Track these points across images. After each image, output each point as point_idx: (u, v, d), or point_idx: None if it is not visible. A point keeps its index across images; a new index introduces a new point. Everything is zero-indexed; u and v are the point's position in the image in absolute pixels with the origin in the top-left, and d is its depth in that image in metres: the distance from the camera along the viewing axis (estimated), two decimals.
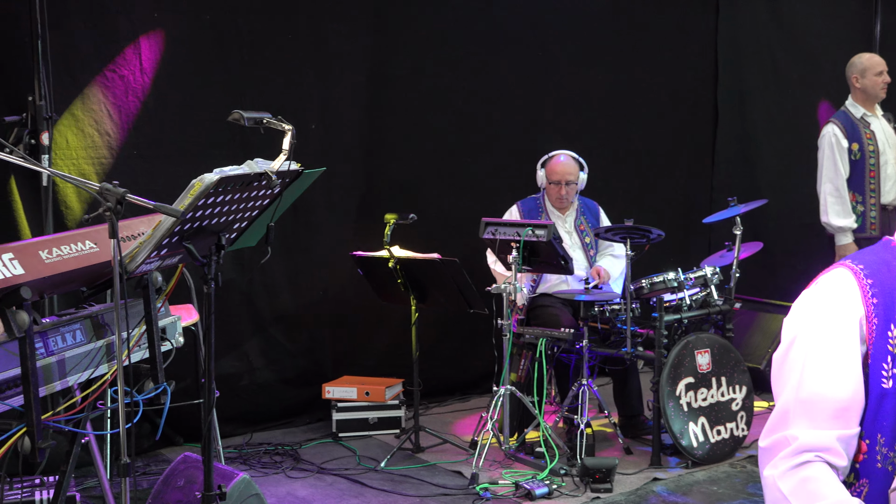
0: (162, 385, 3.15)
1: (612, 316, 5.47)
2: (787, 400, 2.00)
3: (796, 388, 1.98)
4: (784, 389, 2.01)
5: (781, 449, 1.97)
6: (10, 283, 2.54)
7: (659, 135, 7.49)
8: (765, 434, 2.03)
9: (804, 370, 1.99)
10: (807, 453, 1.94)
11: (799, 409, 1.97)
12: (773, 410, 2.04)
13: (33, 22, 4.80)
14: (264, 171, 2.92)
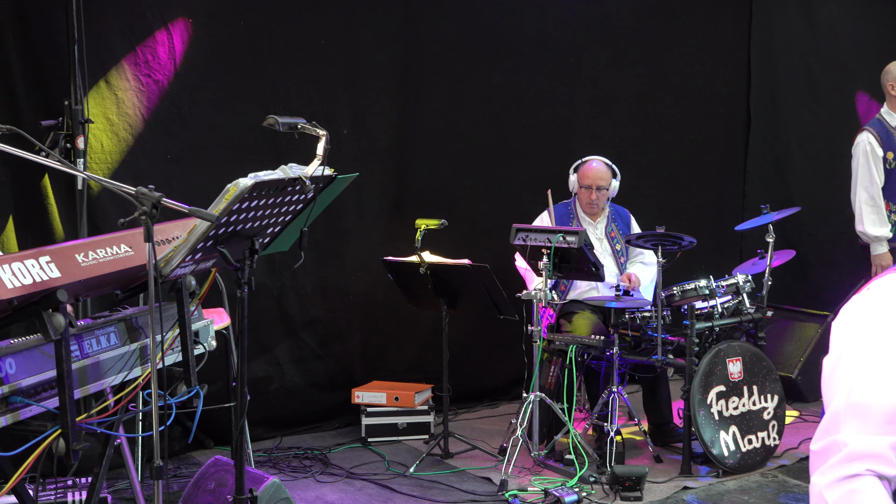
0: (194, 388, 3.17)
1: (642, 323, 5.44)
2: (838, 404, 1.96)
3: (848, 392, 1.95)
4: (836, 394, 1.98)
5: (832, 455, 1.93)
6: (46, 286, 2.56)
7: (691, 141, 7.46)
8: (816, 438, 1.99)
9: (856, 375, 1.95)
10: (857, 463, 1.90)
11: (850, 414, 1.93)
12: (825, 415, 2.00)
13: (70, 27, 4.85)
14: (298, 176, 2.93)
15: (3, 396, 2.59)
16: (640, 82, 7.19)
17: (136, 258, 2.90)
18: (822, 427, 1.99)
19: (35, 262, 2.57)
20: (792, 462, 5.40)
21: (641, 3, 7.16)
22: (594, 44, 6.98)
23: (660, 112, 7.29)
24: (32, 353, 2.74)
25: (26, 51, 5.03)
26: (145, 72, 5.39)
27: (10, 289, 2.46)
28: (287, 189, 2.97)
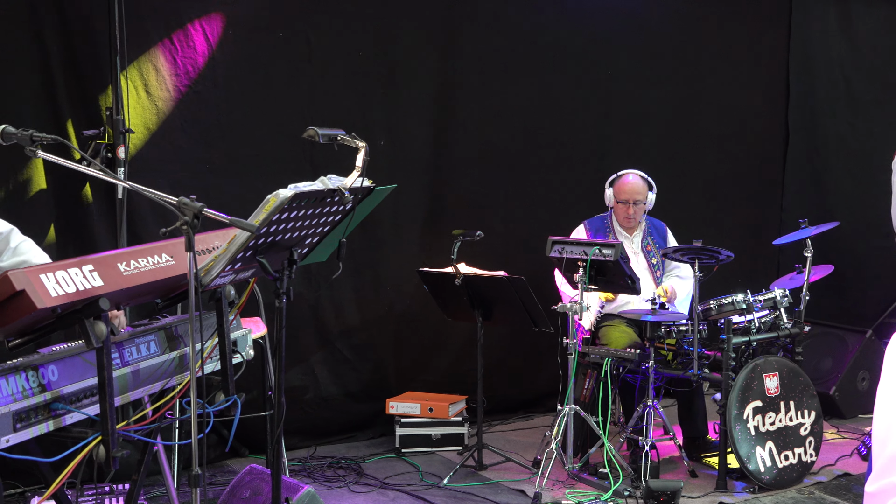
0: (232, 397, 3.19)
1: (678, 337, 5.41)
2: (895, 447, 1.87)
3: None
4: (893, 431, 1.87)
5: (888, 498, 1.85)
6: (89, 295, 2.59)
7: (728, 154, 7.42)
8: (872, 479, 1.90)
9: None
10: None
11: None
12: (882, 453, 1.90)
13: (112, 37, 4.91)
14: (337, 187, 2.95)
15: (45, 403, 2.64)
16: (678, 96, 7.16)
17: (176, 267, 2.94)
18: (879, 468, 1.90)
19: (78, 270, 2.61)
20: (829, 479, 5.35)
21: (679, 18, 7.14)
22: (631, 58, 6.97)
23: (697, 126, 7.26)
24: (74, 361, 2.79)
25: (69, 61, 5.10)
26: (185, 82, 5.45)
27: (54, 297, 2.50)
28: (326, 200, 2.99)
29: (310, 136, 3.10)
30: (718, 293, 5.52)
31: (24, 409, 2.57)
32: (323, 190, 2.93)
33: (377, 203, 3.44)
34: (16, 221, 3.47)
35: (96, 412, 2.75)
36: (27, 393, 2.59)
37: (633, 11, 6.94)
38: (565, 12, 6.70)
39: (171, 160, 5.44)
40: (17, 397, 2.56)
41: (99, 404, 2.71)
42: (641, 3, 6.98)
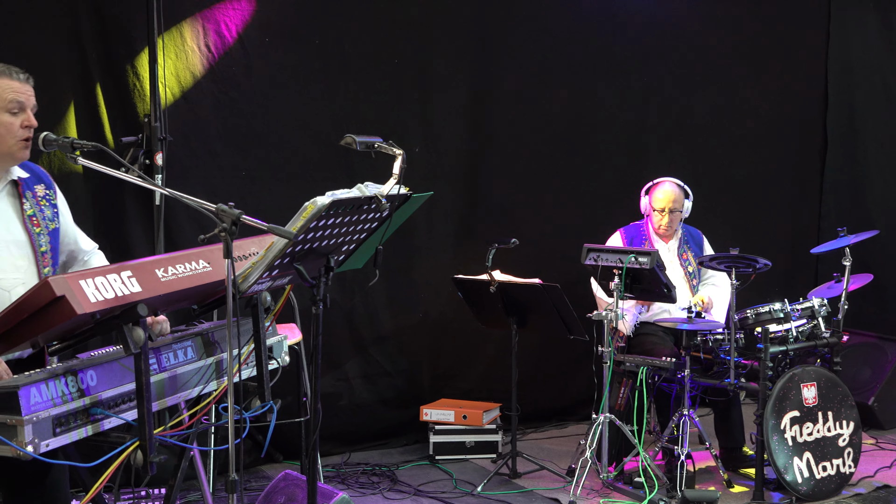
0: (268, 403, 3.20)
1: (715, 346, 5.37)
2: None
3: None
4: None
5: None
6: (128, 300, 2.61)
7: (765, 161, 7.36)
8: None
9: None
10: None
11: None
12: None
13: (151, 45, 4.95)
14: (374, 194, 2.95)
15: (84, 408, 2.65)
16: (715, 103, 7.12)
17: (213, 274, 2.95)
18: None
19: (117, 276, 2.63)
20: (868, 491, 5.28)
21: (715, 24, 7.10)
22: (667, 64, 6.94)
23: (734, 133, 7.21)
24: (112, 366, 2.80)
25: (109, 68, 5.15)
26: (222, 90, 5.48)
27: (93, 302, 2.52)
28: (363, 207, 2.99)
29: (347, 143, 3.10)
30: (755, 302, 5.47)
31: (63, 414, 2.58)
32: (360, 197, 2.94)
33: (414, 210, 3.43)
34: None
35: (134, 417, 2.77)
36: (66, 398, 2.61)
37: (670, 18, 6.91)
38: (600, 19, 6.68)
39: (208, 167, 5.47)
40: (57, 402, 2.58)
41: (137, 409, 2.72)
42: (677, 10, 6.95)
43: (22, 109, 3.10)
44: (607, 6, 6.70)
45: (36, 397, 2.52)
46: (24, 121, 3.10)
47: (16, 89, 3.09)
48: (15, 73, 3.12)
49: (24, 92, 3.12)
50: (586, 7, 6.65)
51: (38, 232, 3.22)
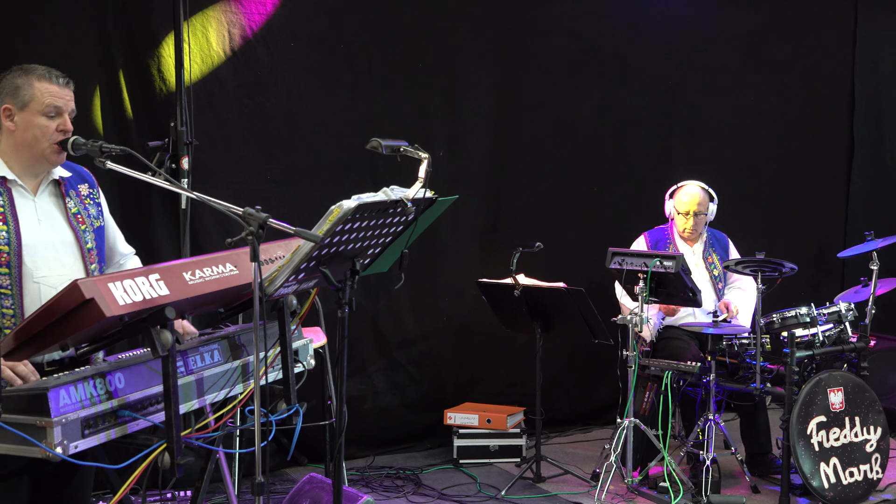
0: (294, 406, 3.20)
1: (740, 350, 5.35)
2: None
3: None
4: None
5: None
6: (156, 303, 2.62)
7: (791, 164, 7.33)
8: None
9: None
10: None
11: None
12: None
13: (178, 51, 4.98)
14: (400, 198, 2.96)
15: (112, 410, 2.67)
16: (740, 106, 7.10)
17: (240, 277, 2.96)
18: None
19: (145, 279, 2.64)
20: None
21: (741, 27, 7.08)
22: (693, 68, 6.92)
23: (760, 136, 7.18)
24: (140, 369, 2.82)
25: (136, 73, 5.19)
26: (248, 94, 5.51)
27: (122, 305, 2.53)
28: (389, 211, 2.99)
29: (373, 147, 3.11)
30: (781, 306, 5.44)
31: (91, 416, 2.60)
32: (386, 201, 2.94)
33: (439, 214, 3.44)
34: None
35: (161, 419, 2.78)
36: (95, 400, 2.62)
37: (695, 21, 6.89)
38: (626, 23, 6.68)
39: (234, 171, 5.50)
40: (86, 404, 2.59)
41: (164, 412, 2.73)
42: (703, 13, 6.93)
43: (59, 114, 3.13)
44: (632, 11, 6.70)
45: (65, 399, 2.54)
46: (59, 124, 3.13)
47: (54, 93, 3.12)
48: (55, 77, 3.15)
49: (63, 96, 3.15)
50: (611, 12, 6.64)
51: (84, 229, 3.26)
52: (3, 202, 3.09)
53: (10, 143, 3.14)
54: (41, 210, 3.19)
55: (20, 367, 2.77)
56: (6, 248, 3.05)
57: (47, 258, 3.14)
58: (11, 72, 3.17)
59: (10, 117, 3.12)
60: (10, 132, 3.13)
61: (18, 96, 3.11)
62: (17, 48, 4.85)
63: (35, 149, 3.12)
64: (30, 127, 3.11)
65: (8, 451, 2.52)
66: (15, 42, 4.87)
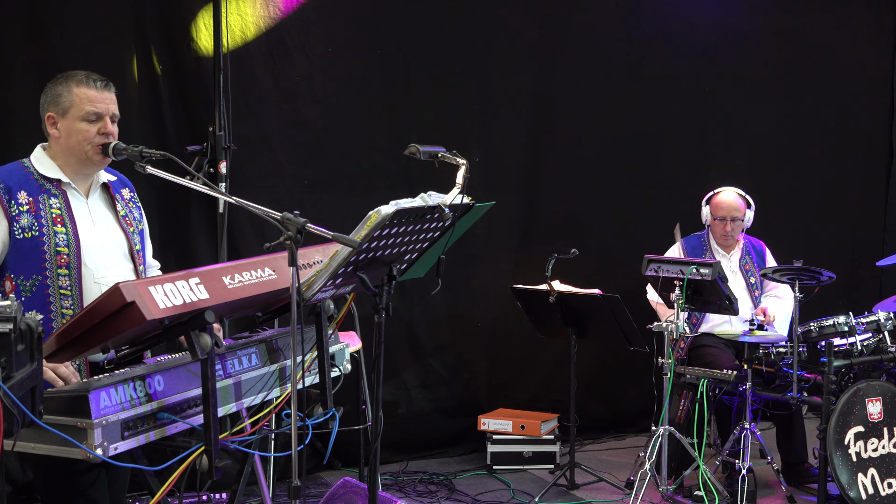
0: (331, 410, 3.22)
1: (777, 359, 5.31)
2: None
3: None
4: None
5: None
6: (195, 307, 2.64)
7: (829, 171, 7.27)
8: None
9: None
10: None
11: None
12: None
13: (216, 56, 5.02)
14: (438, 204, 2.96)
15: (151, 412, 2.69)
16: (777, 113, 7.05)
17: (278, 281, 2.97)
18: None
19: (185, 283, 2.67)
20: None
21: (777, 33, 7.02)
22: (729, 75, 6.88)
23: (797, 142, 7.13)
24: (179, 372, 2.84)
25: (175, 78, 5.23)
26: (286, 99, 5.55)
27: (163, 308, 2.55)
28: (426, 217, 3.00)
29: (411, 153, 3.12)
30: (818, 315, 5.39)
31: (131, 418, 2.62)
32: (423, 206, 2.95)
33: (475, 220, 3.44)
34: None
35: (199, 422, 2.80)
36: (135, 402, 2.65)
37: (731, 27, 6.86)
38: (661, 28, 6.65)
39: (271, 175, 5.54)
40: (126, 406, 2.61)
41: (203, 415, 2.75)
42: (738, 19, 6.89)
43: (99, 118, 3.17)
44: (668, 18, 6.67)
45: (105, 401, 2.56)
46: (100, 128, 3.17)
47: (92, 99, 3.17)
48: (93, 82, 3.20)
49: (102, 100, 3.20)
50: (647, 18, 6.62)
51: (132, 231, 3.35)
52: (59, 204, 3.16)
53: (58, 148, 3.21)
54: (94, 212, 3.25)
55: (62, 368, 2.81)
56: (66, 250, 3.12)
57: (104, 259, 3.21)
58: (55, 80, 3.23)
59: (55, 124, 3.20)
60: (55, 139, 3.21)
61: (59, 103, 3.18)
62: (53, 42, 4.91)
63: (79, 152, 3.18)
64: (72, 132, 3.18)
65: (49, 452, 2.55)
66: (52, 36, 4.93)
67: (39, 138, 3.28)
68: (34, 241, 3.08)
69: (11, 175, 3.14)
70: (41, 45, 4.90)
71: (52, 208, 3.13)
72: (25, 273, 3.08)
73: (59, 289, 3.10)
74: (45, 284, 3.09)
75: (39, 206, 3.11)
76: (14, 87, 4.84)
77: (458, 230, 3.26)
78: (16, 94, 4.82)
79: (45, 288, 3.09)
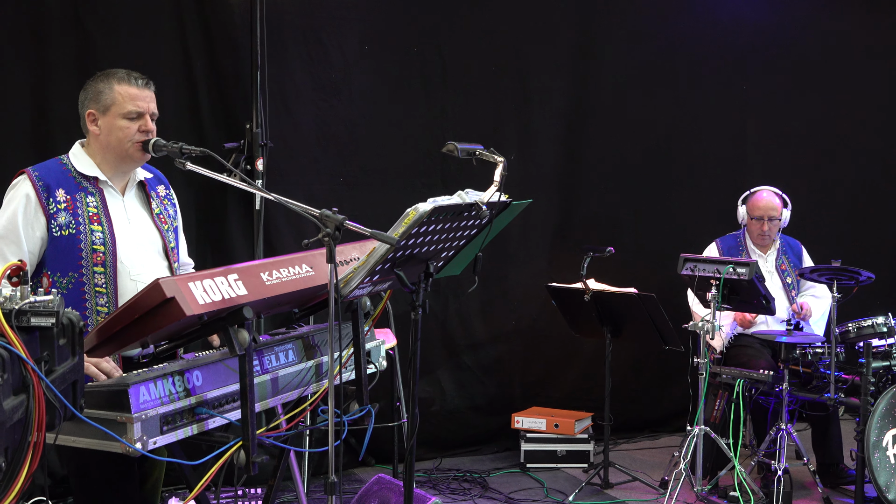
0: (367, 407, 3.23)
1: (814, 359, 5.26)
2: None
3: None
4: None
5: None
6: (234, 303, 2.66)
7: (867, 170, 7.19)
8: None
9: None
10: None
11: None
12: None
13: (253, 54, 5.05)
14: (475, 201, 2.97)
15: (190, 407, 2.71)
16: (815, 110, 6.97)
17: (316, 278, 2.99)
18: None
19: (224, 279, 2.69)
20: None
21: (815, 30, 6.95)
22: (766, 73, 6.82)
23: (836, 141, 7.06)
24: (217, 367, 2.86)
25: (212, 76, 5.27)
26: (322, 97, 5.57)
27: (202, 304, 2.57)
28: (464, 214, 3.00)
29: (449, 150, 3.12)
30: (855, 315, 5.34)
31: (170, 413, 2.64)
32: (461, 204, 2.95)
33: (512, 218, 3.44)
34: None
35: (237, 417, 2.82)
36: (174, 397, 2.67)
37: (769, 25, 6.80)
38: (699, 27, 6.61)
39: (307, 172, 5.56)
40: (165, 401, 2.64)
41: (240, 410, 2.77)
42: (777, 18, 6.83)
43: (140, 116, 3.20)
44: (705, 15, 6.63)
45: (145, 395, 2.59)
46: (141, 126, 3.20)
47: (134, 96, 3.20)
48: (134, 80, 3.23)
49: (143, 98, 3.22)
50: (684, 16, 6.58)
51: (167, 229, 3.37)
52: (96, 203, 3.18)
53: (97, 145, 3.23)
54: (130, 210, 3.28)
55: (103, 363, 2.84)
56: (102, 248, 3.14)
57: (140, 257, 3.23)
58: (95, 77, 3.26)
59: (95, 121, 3.22)
60: (95, 136, 3.23)
61: (100, 101, 3.20)
62: (98, 46, 4.96)
63: (119, 149, 3.21)
64: (113, 130, 3.20)
65: (90, 446, 2.58)
66: (96, 40, 4.98)
67: (78, 135, 3.31)
68: (71, 238, 3.10)
69: (50, 172, 3.17)
70: (80, 41, 4.94)
71: (90, 206, 3.16)
72: (62, 270, 3.11)
73: (95, 286, 3.12)
74: (81, 282, 3.11)
75: (77, 203, 3.14)
76: (53, 84, 4.89)
77: (496, 228, 3.26)
78: (55, 90, 4.87)
79: (80, 285, 3.11)
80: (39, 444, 2.08)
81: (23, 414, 2.04)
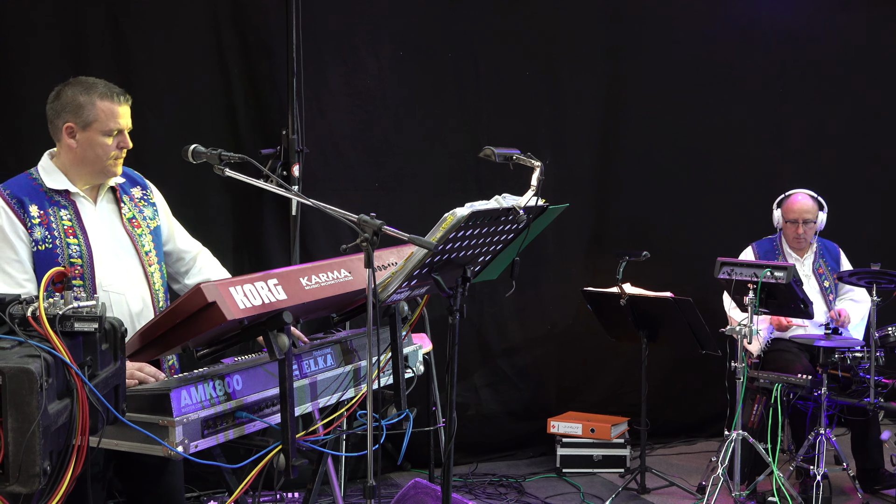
0: (405, 411, 3.24)
1: (853, 364, 5.22)
2: None
3: None
4: None
5: None
6: (274, 308, 2.68)
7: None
8: None
9: None
10: None
11: None
12: None
13: (289, 60, 5.09)
14: (512, 206, 2.97)
15: (230, 411, 2.73)
16: (851, 113, 6.91)
17: (354, 283, 3.00)
18: None
19: (264, 284, 2.71)
20: None
21: (850, 34, 6.89)
22: (803, 78, 6.78)
23: (873, 144, 6.99)
24: (257, 371, 2.88)
25: (249, 83, 5.32)
26: (357, 102, 5.60)
27: (242, 309, 2.59)
28: (501, 219, 3.01)
29: (486, 155, 3.13)
30: (893, 319, 5.29)
31: (211, 417, 2.67)
32: (498, 209, 2.96)
33: (549, 222, 3.44)
34: (200, 237, 3.60)
35: (276, 422, 2.83)
36: (214, 401, 2.69)
37: (804, 29, 6.75)
38: (734, 31, 6.58)
39: (342, 178, 5.58)
40: (205, 405, 2.66)
41: (280, 414, 2.79)
42: (812, 21, 6.78)
43: (119, 133, 3.16)
44: (741, 19, 6.60)
45: (186, 399, 2.61)
46: (119, 142, 3.15)
47: (116, 115, 3.13)
48: (116, 96, 3.15)
49: (124, 115, 3.16)
50: (719, 19, 6.56)
51: (140, 233, 3.27)
52: (70, 216, 3.12)
53: (71, 158, 3.14)
54: (102, 219, 3.21)
55: (147, 367, 2.86)
56: (79, 261, 3.08)
57: (112, 265, 3.16)
58: (70, 85, 3.15)
59: (73, 135, 3.12)
60: (70, 148, 3.13)
61: (81, 115, 3.10)
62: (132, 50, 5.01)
63: (97, 165, 3.14)
64: (92, 145, 3.12)
65: (132, 449, 2.61)
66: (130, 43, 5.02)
67: None
68: (48, 253, 3.04)
69: (21, 188, 3.10)
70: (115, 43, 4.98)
71: (63, 220, 3.09)
72: None
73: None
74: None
75: (51, 218, 3.07)
76: None
77: (533, 232, 3.26)
78: None
79: None
80: (83, 447, 2.11)
81: (67, 418, 2.07)
